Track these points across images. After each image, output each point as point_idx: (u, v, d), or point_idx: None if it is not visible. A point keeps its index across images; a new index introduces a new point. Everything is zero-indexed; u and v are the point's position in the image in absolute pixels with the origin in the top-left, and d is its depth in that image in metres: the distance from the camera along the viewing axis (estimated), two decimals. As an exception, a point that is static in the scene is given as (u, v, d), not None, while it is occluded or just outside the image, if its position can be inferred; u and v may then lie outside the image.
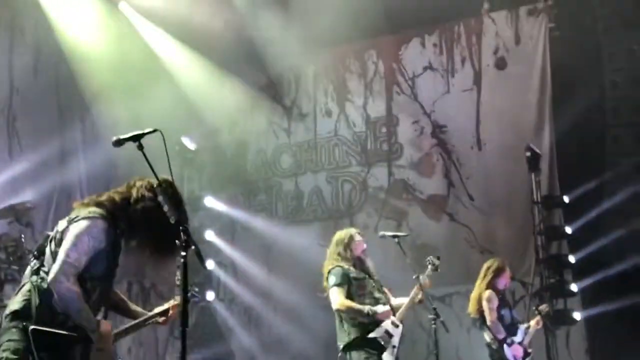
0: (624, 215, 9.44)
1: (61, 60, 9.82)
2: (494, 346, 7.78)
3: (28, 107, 9.45)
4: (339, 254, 6.58)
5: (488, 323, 7.73)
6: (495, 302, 7.79)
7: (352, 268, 6.53)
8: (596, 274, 9.42)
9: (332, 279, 6.41)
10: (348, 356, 6.30)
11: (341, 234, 6.78)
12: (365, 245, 6.76)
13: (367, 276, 6.58)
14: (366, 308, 6.30)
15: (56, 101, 9.88)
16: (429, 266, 6.78)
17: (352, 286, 6.40)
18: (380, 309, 6.32)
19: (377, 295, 6.51)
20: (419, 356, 9.98)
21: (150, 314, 4.43)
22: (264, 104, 12.29)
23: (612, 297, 9.15)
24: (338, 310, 6.36)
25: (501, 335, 7.69)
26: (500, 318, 7.79)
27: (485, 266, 8.12)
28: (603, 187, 9.66)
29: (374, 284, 6.57)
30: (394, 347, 6.29)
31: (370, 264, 6.74)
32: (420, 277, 6.58)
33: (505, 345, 7.68)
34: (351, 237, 6.67)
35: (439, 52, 11.35)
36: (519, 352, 7.76)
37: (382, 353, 6.24)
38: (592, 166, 9.72)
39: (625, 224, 9.33)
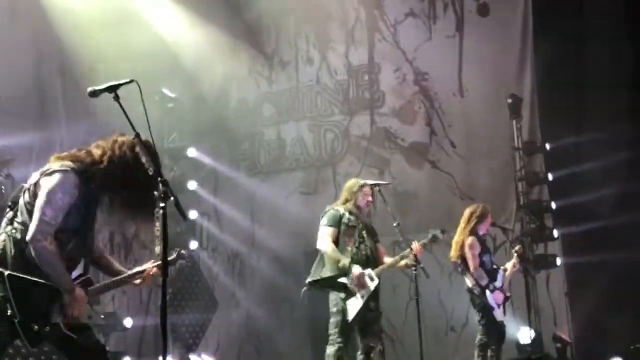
0: (604, 165, 9.53)
1: (38, 8, 9.64)
2: (475, 292, 7.89)
3: (4, 57, 9.30)
4: (343, 199, 6.80)
5: (471, 270, 7.83)
6: (478, 249, 7.88)
7: (348, 214, 6.61)
8: (577, 223, 9.54)
9: (325, 220, 6.64)
10: (311, 292, 6.48)
11: (353, 182, 6.97)
12: (371, 199, 6.84)
13: (361, 226, 6.65)
14: (343, 261, 6.40)
15: (35, 51, 9.72)
16: (430, 235, 6.89)
17: (341, 231, 6.55)
18: (356, 269, 6.40)
19: (362, 247, 6.59)
20: (401, 301, 10.11)
21: (127, 274, 4.47)
22: (245, 52, 12.17)
23: (592, 247, 9.29)
24: (320, 249, 6.57)
25: (484, 282, 7.79)
26: (482, 264, 7.88)
27: (468, 212, 8.18)
28: (583, 134, 9.71)
29: (365, 237, 6.64)
30: (362, 296, 6.39)
31: (368, 221, 6.84)
32: (415, 243, 6.68)
33: (487, 292, 7.79)
34: (360, 187, 6.79)
35: (421, -2, 11.24)
36: (500, 297, 7.89)
37: (348, 299, 6.39)
38: (573, 113, 9.75)
39: (605, 174, 9.43)
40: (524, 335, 9.06)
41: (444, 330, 10.22)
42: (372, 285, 6.46)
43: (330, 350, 6.45)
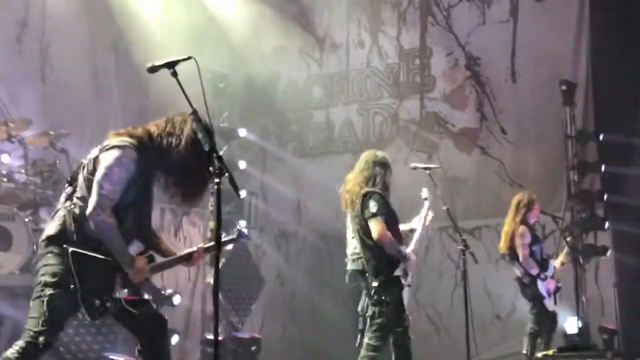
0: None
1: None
2: (525, 281, 7.84)
3: (60, 34, 9.46)
4: (374, 178, 6.23)
5: (520, 259, 7.76)
6: (528, 238, 7.81)
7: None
8: (629, 214, 9.38)
9: (374, 206, 6.00)
10: (382, 294, 6.17)
11: (380, 155, 6.42)
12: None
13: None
14: (404, 251, 6.08)
15: (87, 28, 9.87)
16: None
17: (389, 216, 6.13)
18: (412, 257, 6.13)
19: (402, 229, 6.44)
20: (447, 288, 10.09)
21: (177, 255, 4.50)
22: (296, 33, 12.19)
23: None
24: (378, 240, 5.98)
25: (535, 271, 7.73)
26: (532, 253, 7.81)
27: (515, 200, 8.10)
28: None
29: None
30: (409, 286, 6.25)
31: None
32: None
33: (539, 281, 7.72)
34: (388, 163, 6.47)
35: (476, -19, 11.10)
36: (552, 285, 7.82)
37: (402, 291, 6.11)
38: (629, 103, 9.54)
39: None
40: (571, 324, 8.98)
41: (489, 318, 10.14)
42: (413, 268, 6.29)
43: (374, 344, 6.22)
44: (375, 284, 6.05)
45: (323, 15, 12.15)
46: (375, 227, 6.01)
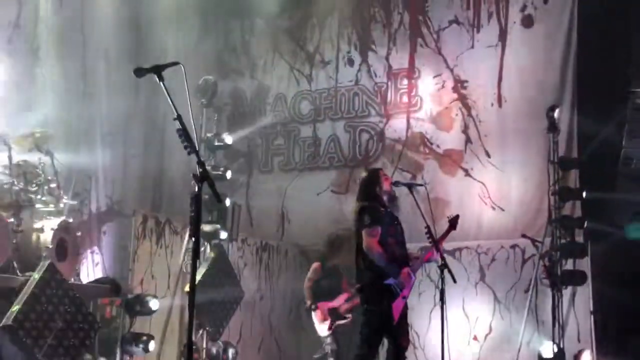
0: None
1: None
2: None
3: (52, 38, 9.49)
4: (368, 192, 6.50)
5: None
6: None
7: (382, 209, 6.47)
8: (609, 242, 9.47)
9: (367, 219, 6.27)
10: (363, 296, 6.27)
11: (367, 173, 6.79)
12: (392, 179, 6.75)
13: (396, 220, 6.52)
14: (391, 268, 6.20)
15: (80, 32, 9.90)
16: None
17: (384, 227, 6.32)
18: (403, 274, 6.22)
19: (401, 240, 6.47)
20: (425, 308, 10.09)
21: None
22: (287, 48, 12.28)
23: (622, 267, 9.21)
24: (367, 251, 6.21)
25: None
26: None
27: None
28: (621, 152, 9.62)
29: (400, 230, 6.54)
30: (404, 298, 6.27)
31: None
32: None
33: None
34: (378, 174, 6.64)
35: (466, 6, 11.22)
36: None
37: (393, 301, 6.21)
38: (613, 130, 9.66)
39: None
40: (547, 349, 9.01)
41: (467, 339, 10.17)
42: (411, 284, 6.33)
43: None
44: (358, 286, 6.14)
45: (314, 31, 12.24)
46: (365, 238, 6.14)
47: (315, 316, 9.02)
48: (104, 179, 10.31)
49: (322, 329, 8.99)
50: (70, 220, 8.06)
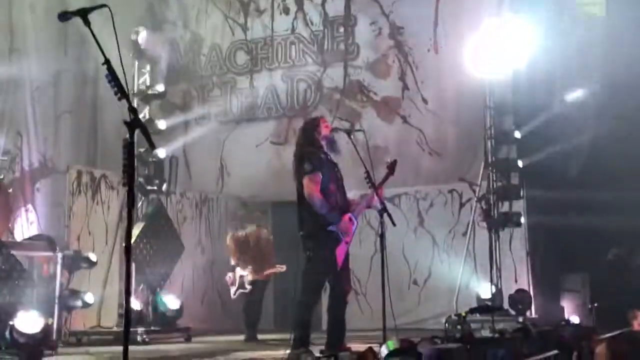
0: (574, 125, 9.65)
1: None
2: None
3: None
4: (308, 138, 6.35)
5: None
6: None
7: (322, 155, 6.42)
8: (543, 183, 9.66)
9: (308, 166, 6.13)
10: (306, 242, 6.23)
11: (306, 121, 6.72)
12: (331, 125, 6.71)
13: (336, 166, 6.47)
14: (332, 215, 6.10)
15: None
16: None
17: (325, 173, 6.18)
18: (344, 219, 6.16)
19: (341, 186, 6.44)
20: (366, 254, 10.17)
21: None
22: (221, -2, 12.05)
23: (556, 208, 9.42)
24: (309, 198, 6.07)
25: None
26: None
27: None
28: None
29: (340, 177, 6.50)
30: (347, 243, 6.27)
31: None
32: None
33: None
34: (318, 121, 6.56)
35: (400, -49, 11.14)
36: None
37: (336, 247, 6.22)
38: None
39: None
40: (485, 290, 9.20)
41: (407, 283, 10.32)
42: (354, 228, 6.32)
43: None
44: (301, 233, 6.11)
45: (248, -20, 12.02)
46: (306, 185, 6.08)
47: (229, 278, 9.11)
48: (35, 135, 10.02)
49: (232, 290, 9.09)
50: (1, 177, 7.84)
